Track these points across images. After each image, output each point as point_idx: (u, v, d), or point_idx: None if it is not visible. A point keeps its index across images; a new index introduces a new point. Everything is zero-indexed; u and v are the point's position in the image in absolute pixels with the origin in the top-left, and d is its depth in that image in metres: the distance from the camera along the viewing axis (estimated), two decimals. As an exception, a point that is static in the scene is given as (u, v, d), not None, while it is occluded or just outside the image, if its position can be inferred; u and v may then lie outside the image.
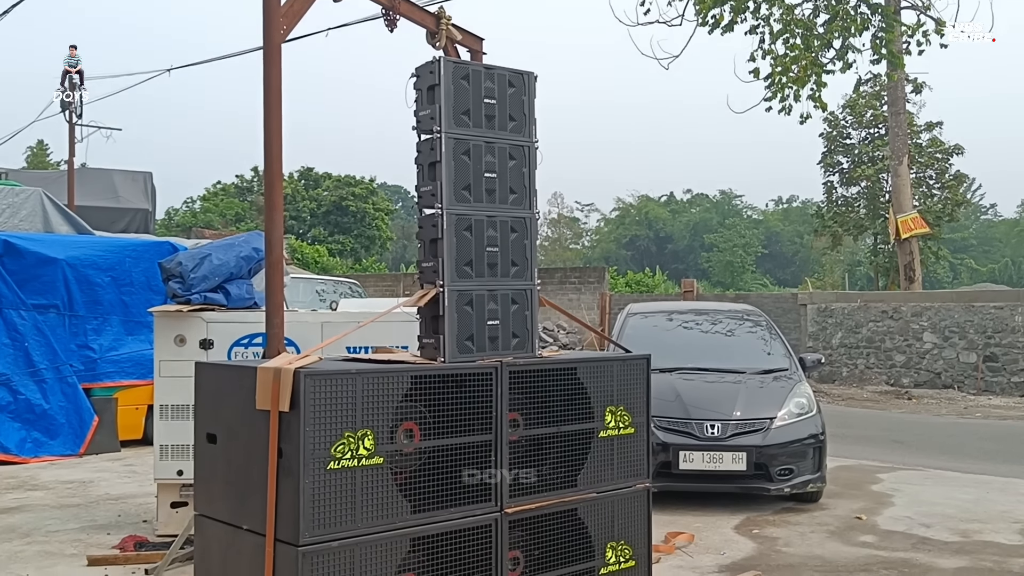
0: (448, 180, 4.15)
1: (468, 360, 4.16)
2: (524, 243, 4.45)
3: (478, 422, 4.11)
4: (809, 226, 51.79)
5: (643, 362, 4.85)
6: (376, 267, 44.96)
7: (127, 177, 18.90)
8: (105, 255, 10.54)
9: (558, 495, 4.41)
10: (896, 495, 7.95)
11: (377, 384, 3.76)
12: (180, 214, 54.43)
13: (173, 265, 6.53)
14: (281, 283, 5.58)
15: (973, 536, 6.56)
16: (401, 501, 3.84)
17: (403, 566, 3.86)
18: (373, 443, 3.73)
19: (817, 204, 40.76)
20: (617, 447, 4.68)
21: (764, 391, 7.73)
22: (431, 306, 4.18)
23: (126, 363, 10.46)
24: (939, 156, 33.30)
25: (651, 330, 8.69)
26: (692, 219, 73.37)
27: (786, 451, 7.26)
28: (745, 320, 9.00)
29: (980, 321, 17.56)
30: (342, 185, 51.13)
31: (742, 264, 64.37)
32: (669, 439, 7.18)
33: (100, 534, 6.53)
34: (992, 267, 61.41)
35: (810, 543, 6.37)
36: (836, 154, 35.26)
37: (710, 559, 6.00)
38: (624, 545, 4.67)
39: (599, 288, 25.60)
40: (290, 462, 3.59)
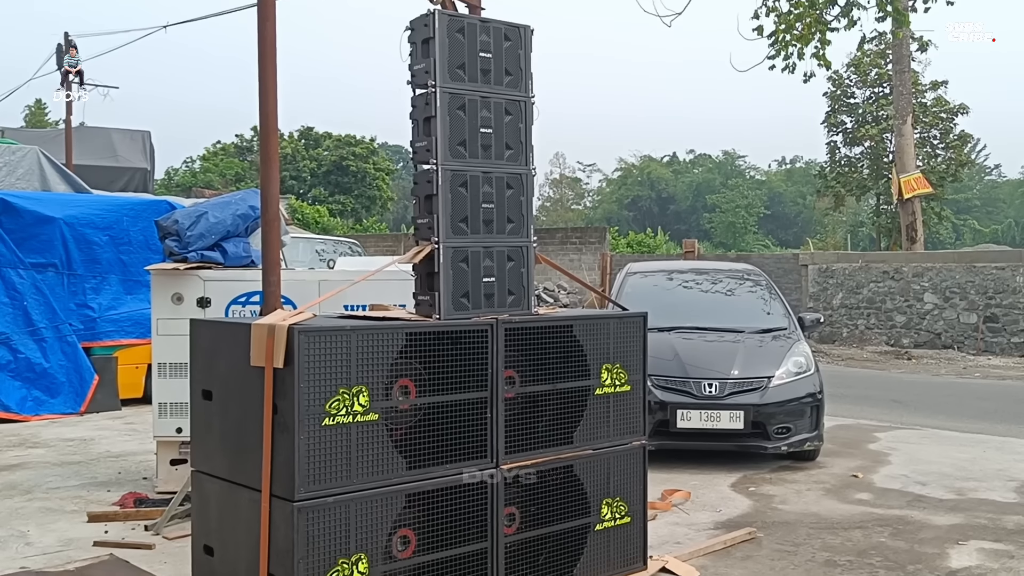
0: (443, 135, 4.11)
1: (463, 317, 4.15)
2: (520, 199, 4.41)
3: (474, 379, 4.11)
4: (812, 187, 51.58)
5: (639, 320, 4.84)
6: (377, 227, 44.86)
7: (125, 136, 18.77)
8: (103, 214, 10.50)
9: (554, 452, 4.43)
10: (893, 454, 7.99)
11: (372, 341, 3.76)
12: (180, 174, 54.21)
13: (169, 223, 6.49)
14: (278, 240, 5.55)
15: (968, 494, 6.59)
16: (397, 457, 3.85)
17: (398, 522, 3.88)
18: (368, 400, 3.74)
19: (820, 164, 40.57)
20: (613, 404, 4.68)
21: (762, 350, 7.73)
22: (426, 263, 4.16)
23: (125, 322, 10.46)
24: (944, 116, 33.07)
25: (650, 289, 8.67)
26: (695, 180, 73.02)
27: (783, 410, 7.27)
28: (745, 280, 8.97)
29: (981, 282, 17.54)
30: (342, 145, 50.85)
31: (744, 225, 64.18)
32: (667, 398, 7.19)
33: (100, 491, 6.57)
34: (995, 228, 61.21)
35: (806, 501, 6.40)
36: (840, 114, 35.03)
37: (706, 516, 6.03)
38: (620, 501, 4.70)
39: (600, 248, 25.55)
40: (285, 418, 3.59)
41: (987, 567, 5.00)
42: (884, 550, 5.29)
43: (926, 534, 5.60)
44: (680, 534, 5.63)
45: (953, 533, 5.62)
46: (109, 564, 4.96)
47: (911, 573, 4.90)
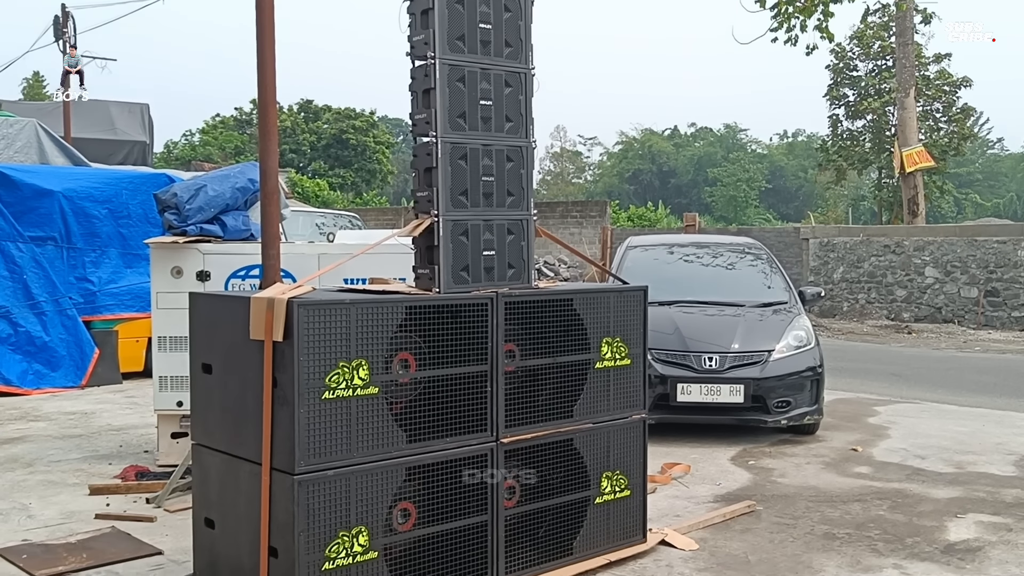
0: (442, 108, 4.08)
1: (463, 291, 4.14)
2: (520, 172, 4.39)
3: (474, 353, 4.10)
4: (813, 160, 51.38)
5: (640, 294, 4.83)
6: (377, 201, 44.76)
7: (123, 109, 18.66)
8: (101, 187, 10.46)
9: (554, 425, 4.43)
10: (892, 427, 8.00)
11: (371, 314, 3.75)
12: (179, 147, 54.02)
13: (168, 196, 6.46)
14: (277, 214, 5.53)
15: (967, 467, 6.61)
16: (397, 431, 3.85)
17: (399, 495, 3.89)
18: (368, 373, 3.73)
19: (822, 138, 40.40)
20: (613, 378, 4.68)
21: (763, 324, 7.72)
22: (426, 236, 4.14)
23: (125, 296, 10.45)
24: (947, 89, 32.89)
25: (651, 263, 8.65)
26: (696, 153, 72.76)
27: (783, 383, 7.27)
28: (746, 253, 8.95)
29: (982, 256, 17.51)
30: (342, 118, 50.62)
31: (745, 199, 64.05)
32: (667, 371, 7.19)
33: (102, 464, 6.59)
34: (997, 202, 61.07)
35: (805, 474, 6.42)
36: (842, 87, 34.84)
37: (705, 489, 6.05)
38: (619, 475, 4.71)
39: (601, 222, 25.49)
40: (285, 392, 3.59)
41: (985, 540, 5.02)
42: (883, 523, 5.31)
43: (925, 507, 5.62)
44: (680, 507, 5.65)
45: (952, 506, 5.64)
46: (111, 536, 4.99)
47: (909, 546, 4.92)
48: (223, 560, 3.99)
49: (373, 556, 3.77)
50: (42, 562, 4.55)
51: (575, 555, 4.50)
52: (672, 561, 4.67)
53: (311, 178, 42.77)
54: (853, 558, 4.73)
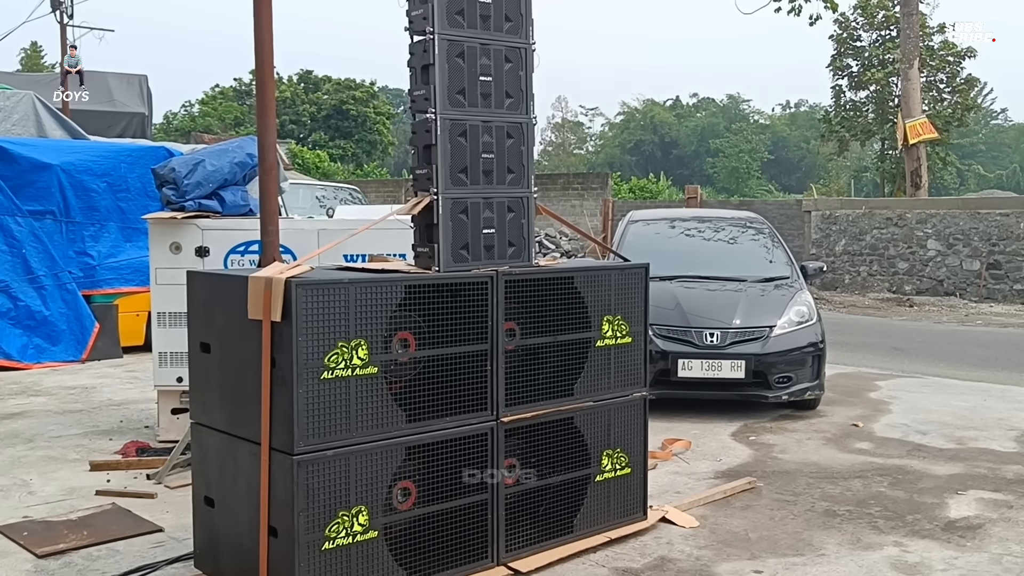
0: (441, 84, 4.02)
1: (463, 269, 4.10)
2: (521, 149, 4.34)
3: (474, 332, 4.07)
4: (816, 131, 51.07)
5: (641, 271, 4.80)
6: (378, 172, 44.59)
7: (122, 80, 18.55)
8: (100, 160, 10.40)
9: (554, 404, 4.41)
10: (894, 402, 7.99)
11: (370, 294, 3.72)
12: (178, 118, 53.75)
13: (166, 171, 6.42)
14: (276, 189, 5.48)
15: (968, 443, 6.60)
16: (396, 410, 3.83)
17: (399, 475, 3.88)
18: (367, 353, 3.71)
19: (825, 109, 40.14)
20: (614, 356, 4.66)
21: (765, 299, 7.69)
22: (425, 214, 4.10)
23: (125, 270, 10.42)
24: (950, 59, 32.60)
25: (652, 238, 8.61)
26: (698, 124, 72.37)
27: (785, 359, 7.25)
28: (748, 228, 8.90)
29: (985, 228, 17.44)
30: (342, 89, 50.31)
31: (747, 170, 63.78)
32: (668, 347, 7.17)
33: (102, 439, 6.59)
34: (1000, 173, 60.79)
35: (806, 450, 6.42)
36: (846, 57, 34.54)
37: (706, 465, 6.05)
38: (620, 452, 4.70)
39: (602, 194, 25.41)
40: (283, 372, 3.57)
41: (986, 517, 5.02)
42: (883, 500, 5.31)
43: (925, 484, 5.62)
44: (680, 483, 5.65)
45: (952, 483, 5.64)
46: (111, 513, 4.99)
47: (910, 523, 4.92)
48: (223, 539, 3.99)
49: (373, 535, 3.77)
50: (43, 539, 4.55)
51: (575, 533, 4.50)
52: (672, 539, 4.67)
53: (311, 149, 42.58)
54: (853, 535, 4.73)
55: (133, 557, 4.35)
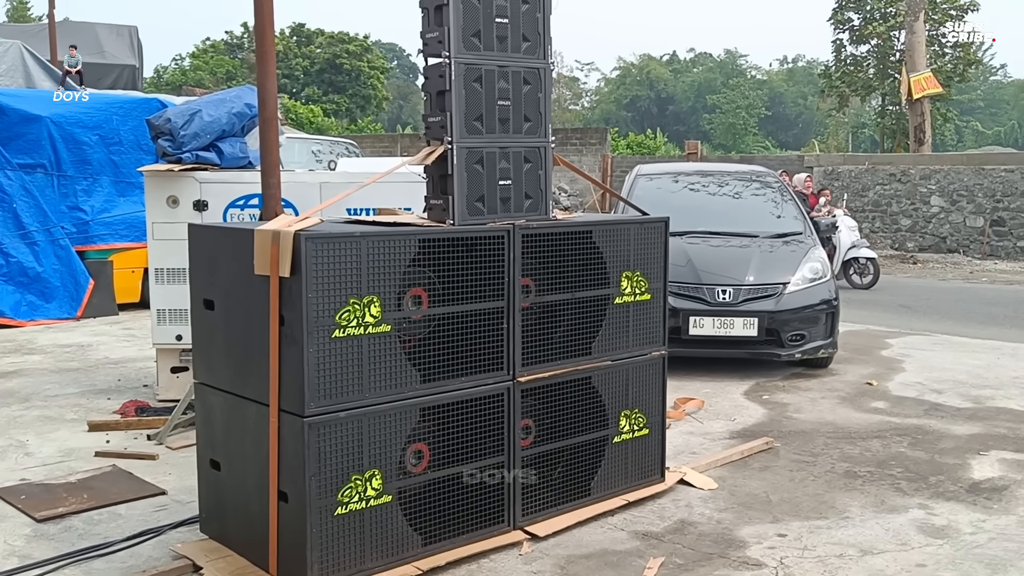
0: (456, 25, 3.80)
1: (479, 223, 3.91)
2: (538, 96, 4.13)
3: (489, 288, 3.90)
4: (814, 87, 50.66)
5: (661, 225, 4.63)
6: (372, 127, 44.11)
7: (112, 31, 18.14)
8: (91, 112, 10.12)
9: (572, 363, 4.25)
10: (906, 360, 7.86)
11: (383, 248, 3.53)
12: (169, 72, 52.96)
13: (162, 122, 6.19)
14: (276, 140, 5.26)
15: (985, 402, 6.47)
16: (410, 370, 3.66)
17: (412, 436, 3.72)
18: (380, 310, 3.53)
19: (824, 64, 39.68)
20: (633, 314, 4.50)
21: (777, 255, 7.51)
22: (439, 164, 3.89)
23: (119, 225, 10.19)
24: (953, 13, 32.14)
25: (662, 192, 8.39)
26: (695, 79, 71.67)
27: (798, 317, 7.10)
28: (759, 182, 8.69)
29: (989, 184, 17.25)
30: (335, 42, 49.58)
31: (744, 126, 63.26)
32: (679, 304, 6.99)
33: (100, 399, 6.43)
34: (998, 130, 60.45)
35: (821, 409, 6.28)
36: (847, 10, 34.02)
37: (720, 425, 5.92)
38: (638, 413, 4.55)
39: (601, 150, 25.10)
40: (292, 330, 3.39)
41: (1011, 478, 4.90)
42: (904, 460, 5.18)
43: (946, 444, 5.49)
44: (695, 444, 5.52)
45: (973, 443, 5.51)
46: (112, 475, 4.84)
47: (933, 485, 4.79)
48: (230, 504, 3.83)
49: (387, 500, 3.62)
50: (41, 503, 4.40)
51: (593, 496, 4.37)
52: (691, 501, 4.54)
53: (304, 104, 42.07)
54: (877, 497, 4.60)
55: (136, 521, 4.20)
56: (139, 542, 3.96)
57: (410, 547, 3.70)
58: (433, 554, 3.75)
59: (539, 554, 3.91)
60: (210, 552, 3.82)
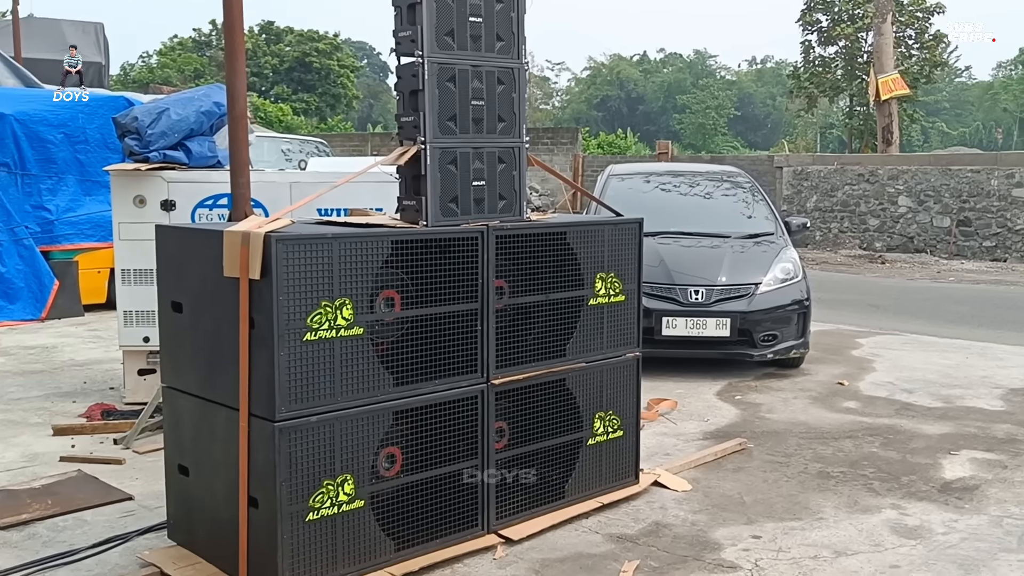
0: (429, 25, 3.75)
1: (452, 224, 3.87)
2: (512, 96, 4.11)
3: (463, 290, 3.85)
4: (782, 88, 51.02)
5: (635, 226, 4.61)
6: (342, 126, 43.90)
7: (77, 28, 17.89)
8: (56, 110, 9.93)
9: (546, 365, 4.22)
10: (877, 360, 7.90)
11: (355, 250, 3.48)
12: (136, 69, 52.38)
13: (128, 120, 6.09)
14: (246, 139, 5.19)
15: (955, 402, 6.52)
16: (383, 373, 3.61)
17: (385, 440, 3.67)
18: (352, 313, 3.48)
19: (793, 65, 39.95)
20: (607, 315, 4.48)
21: (749, 256, 7.52)
22: (412, 165, 3.85)
23: (85, 225, 10.02)
24: (919, 15, 32.51)
25: (634, 192, 8.38)
26: (665, 80, 72.02)
27: (770, 317, 7.11)
28: (731, 183, 8.70)
29: (956, 185, 17.43)
30: (305, 40, 49.29)
31: (714, 126, 63.66)
32: (652, 305, 6.98)
33: (65, 402, 6.31)
34: (963, 131, 61.27)
35: (794, 409, 6.30)
36: (815, 12, 34.28)
37: (694, 426, 5.91)
38: (612, 415, 4.53)
39: (572, 149, 25.12)
40: (263, 333, 3.33)
41: (981, 478, 4.93)
42: (877, 460, 5.20)
43: (917, 444, 5.52)
44: (669, 445, 5.51)
45: (944, 443, 5.54)
46: (78, 481, 4.74)
47: (905, 485, 4.81)
48: (199, 510, 3.76)
49: (359, 505, 3.57)
50: (4, 509, 4.30)
51: (567, 498, 4.34)
52: (666, 503, 4.52)
53: (274, 102, 41.75)
54: (850, 498, 4.61)
55: (102, 527, 4.12)
56: (105, 549, 3.87)
57: (383, 552, 3.65)
58: (406, 559, 3.71)
59: (513, 558, 3.87)
60: (178, 559, 3.75)
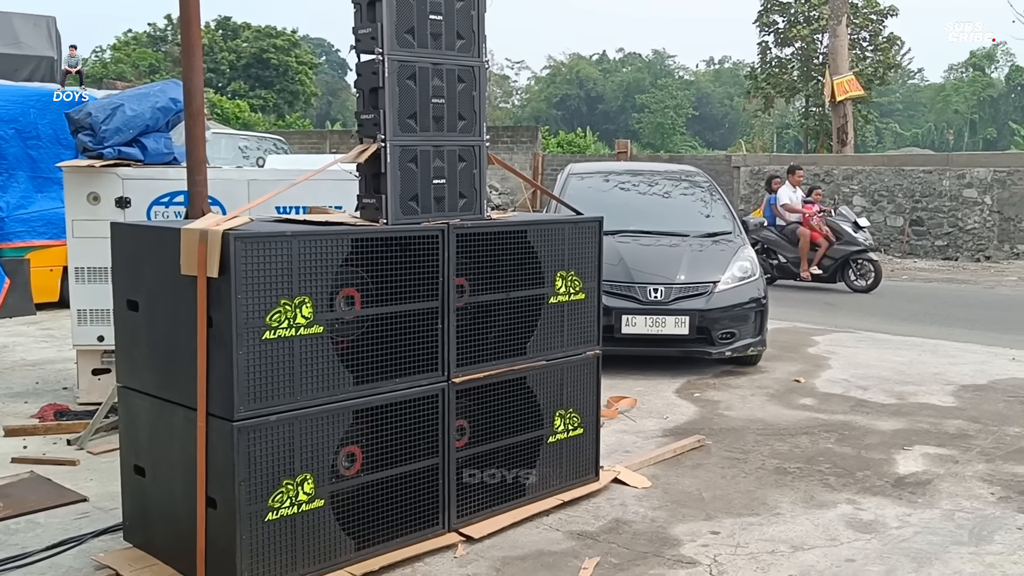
0: (389, 22, 3.73)
1: (412, 222, 3.86)
2: (472, 95, 4.10)
3: (423, 288, 3.85)
4: (739, 88, 51.52)
5: (595, 225, 4.63)
6: (300, 123, 43.56)
7: (28, 21, 17.48)
8: (7, 105, 9.72)
9: (507, 363, 4.23)
10: (832, 357, 8.02)
11: (315, 248, 3.45)
12: (89, 64, 51.48)
13: (82, 116, 5.99)
14: (203, 136, 5.13)
15: (908, 398, 6.63)
16: (343, 372, 3.59)
17: (345, 439, 3.65)
18: (312, 311, 3.45)
19: (750, 65, 40.39)
20: (567, 313, 4.50)
21: (707, 254, 7.60)
22: (372, 163, 3.83)
23: (37, 222, 9.83)
24: (873, 17, 33.03)
25: (594, 191, 8.42)
26: (624, 79, 72.40)
27: (729, 315, 7.19)
28: (690, 182, 8.78)
29: (909, 185, 17.73)
30: (262, 36, 48.81)
31: (672, 126, 64.14)
32: (612, 303, 7.02)
33: (17, 402, 6.20)
34: (916, 131, 62.37)
35: (751, 406, 6.37)
36: (772, 13, 34.69)
37: (653, 423, 5.96)
38: (573, 413, 4.55)
39: (532, 148, 25.16)
40: (221, 332, 3.29)
41: (933, 472, 5.02)
42: (832, 456, 5.28)
43: (871, 439, 5.61)
44: (628, 442, 5.55)
45: (898, 438, 5.64)
46: (30, 482, 4.66)
47: (860, 480, 4.89)
48: (156, 511, 3.71)
49: (319, 504, 3.55)
50: (-46, 513, 4.21)
51: (528, 496, 4.35)
52: (626, 500, 4.55)
53: (231, 99, 41.28)
54: (807, 493, 4.68)
55: (56, 530, 4.05)
56: (59, 552, 3.81)
57: (343, 552, 3.63)
58: (367, 559, 3.69)
59: (474, 556, 3.87)
60: (135, 561, 3.70)
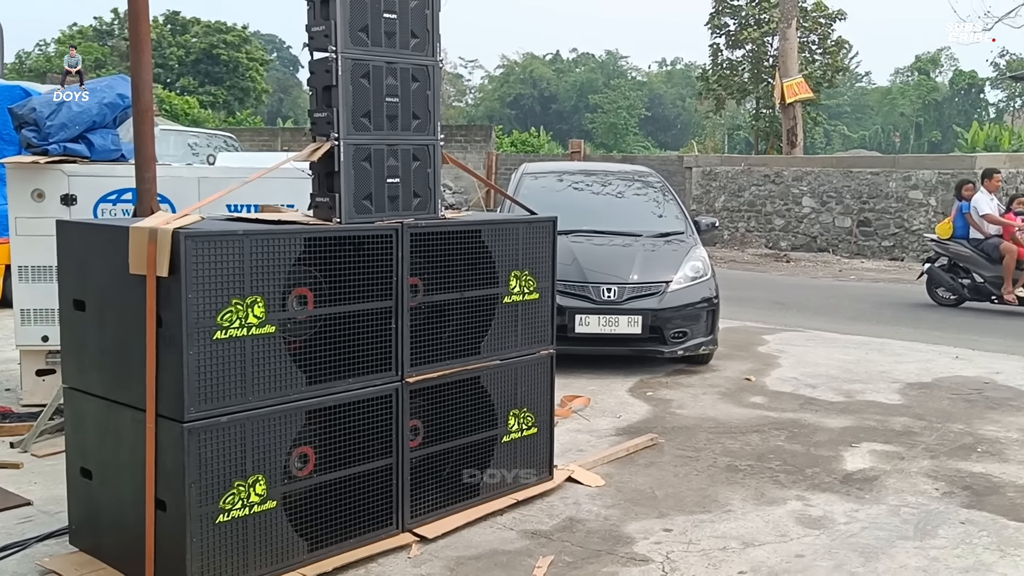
0: (343, 20, 3.71)
1: (366, 221, 3.84)
2: (427, 94, 4.09)
3: (377, 288, 3.83)
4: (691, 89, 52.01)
5: (549, 225, 4.65)
6: (251, 121, 43.03)
7: (-30, 14, 17.14)
8: (-52, 100, 9.51)
9: (460, 363, 4.22)
10: (782, 356, 8.13)
11: (267, 247, 3.42)
12: (33, 58, 50.44)
13: (26, 112, 5.87)
14: (151, 133, 5.05)
15: (856, 396, 6.75)
16: (295, 372, 3.57)
17: (298, 440, 3.62)
18: (264, 311, 3.42)
19: (701, 67, 40.77)
20: (521, 313, 4.51)
21: (660, 254, 7.65)
22: (325, 161, 3.80)
23: (-22, 219, 9.60)
24: (822, 21, 33.54)
25: (547, 191, 8.43)
26: (577, 79, 72.70)
27: (681, 314, 7.25)
28: (643, 182, 8.84)
29: (856, 186, 18.03)
30: (212, 32, 48.20)
31: (625, 126, 64.55)
32: (566, 302, 7.04)
33: (-42, 404, 6.04)
34: (863, 134, 63.52)
35: (703, 405, 6.43)
36: (723, 15, 35.04)
37: (606, 422, 5.99)
38: (527, 412, 4.56)
39: (485, 147, 25.16)
40: (172, 332, 3.24)
41: (880, 469, 5.11)
42: (782, 454, 5.35)
43: (820, 437, 5.70)
44: (582, 441, 5.57)
45: (846, 436, 5.74)
46: (-29, 486, 4.54)
47: (810, 477, 4.96)
48: (104, 514, 3.65)
49: (271, 505, 3.51)
50: None
51: (482, 495, 4.35)
52: (579, 498, 4.57)
53: (180, 95, 40.69)
54: (757, 490, 4.74)
55: (-2, 535, 3.96)
56: (2, 557, 3.72)
57: (296, 553, 3.60)
58: (320, 559, 3.67)
59: (428, 556, 3.86)
60: (81, 566, 3.63)
